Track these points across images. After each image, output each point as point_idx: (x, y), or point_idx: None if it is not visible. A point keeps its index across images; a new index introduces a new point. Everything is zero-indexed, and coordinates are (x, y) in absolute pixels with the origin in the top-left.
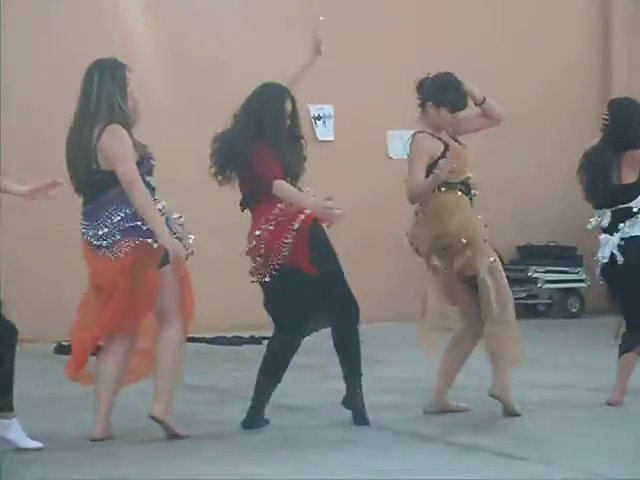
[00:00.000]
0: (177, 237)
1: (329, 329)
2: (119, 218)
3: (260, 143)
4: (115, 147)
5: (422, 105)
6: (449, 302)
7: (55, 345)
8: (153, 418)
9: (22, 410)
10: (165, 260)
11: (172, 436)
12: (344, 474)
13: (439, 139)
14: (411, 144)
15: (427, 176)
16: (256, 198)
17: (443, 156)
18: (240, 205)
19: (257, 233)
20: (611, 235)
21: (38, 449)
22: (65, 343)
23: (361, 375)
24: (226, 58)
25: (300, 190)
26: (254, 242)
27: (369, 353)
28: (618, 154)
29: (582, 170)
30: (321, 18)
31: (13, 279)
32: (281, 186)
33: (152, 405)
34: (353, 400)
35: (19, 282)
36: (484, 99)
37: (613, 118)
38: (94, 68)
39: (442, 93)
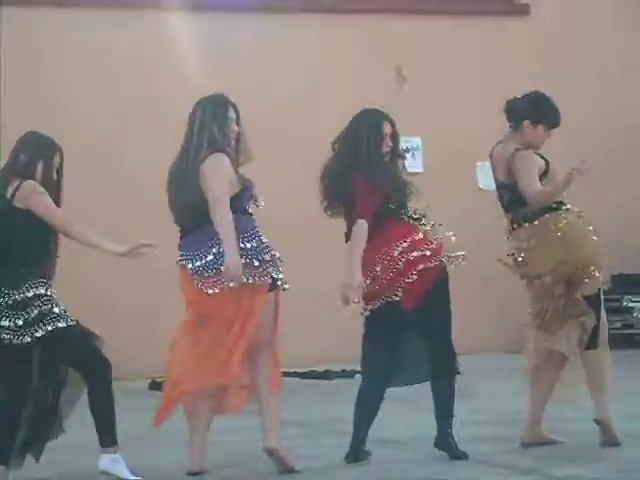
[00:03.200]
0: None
1: None
2: (216, 250)
3: (357, 172)
4: (211, 171)
5: (515, 125)
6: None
7: (150, 382)
8: (268, 450)
9: (119, 446)
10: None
11: (287, 470)
12: None
13: (540, 155)
14: (519, 158)
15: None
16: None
17: (545, 173)
18: (345, 236)
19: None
20: None
21: None
22: (159, 380)
23: (453, 417)
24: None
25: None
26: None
27: (465, 384)
28: None
29: None
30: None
31: (106, 315)
32: (358, 230)
33: (265, 439)
34: (445, 441)
35: (111, 318)
36: None
37: None
38: (198, 105)
39: (541, 110)
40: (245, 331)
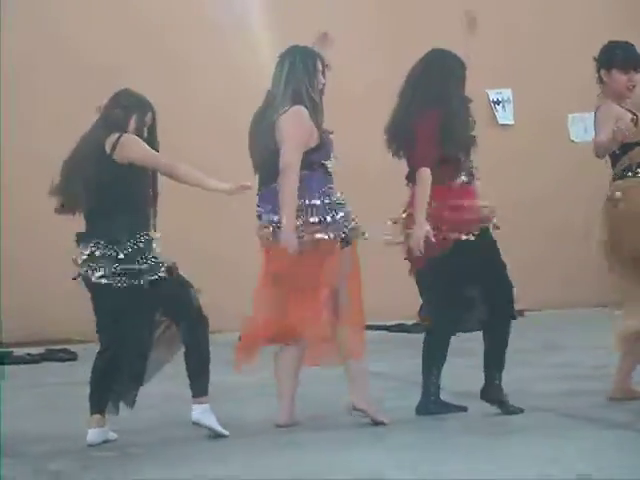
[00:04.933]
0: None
1: None
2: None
3: (429, 110)
4: (287, 127)
5: (598, 79)
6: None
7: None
8: (355, 408)
9: (209, 398)
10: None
11: (375, 423)
12: (519, 462)
13: (628, 110)
14: (596, 113)
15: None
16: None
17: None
18: (406, 179)
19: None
20: None
21: (225, 436)
22: None
23: (503, 368)
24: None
25: (471, 167)
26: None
27: (549, 339)
28: None
29: None
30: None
31: (200, 270)
32: (421, 178)
33: (351, 396)
34: (493, 392)
35: (208, 273)
36: None
37: None
38: (287, 55)
39: (609, 55)
40: (319, 289)
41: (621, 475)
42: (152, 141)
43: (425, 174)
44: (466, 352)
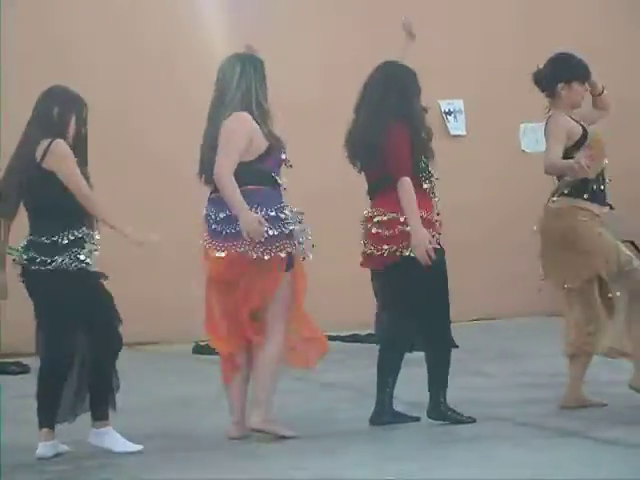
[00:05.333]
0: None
1: None
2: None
3: (397, 122)
4: (228, 131)
5: (551, 93)
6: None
7: (193, 345)
8: (252, 430)
9: (161, 409)
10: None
11: (279, 438)
12: (480, 468)
13: (577, 122)
14: (548, 122)
15: (565, 156)
16: (382, 186)
17: (583, 140)
18: (368, 194)
19: (376, 220)
20: None
21: (139, 452)
22: (202, 343)
23: (446, 387)
24: None
25: (431, 176)
26: (369, 226)
27: (508, 347)
28: None
29: None
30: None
31: (151, 281)
32: (405, 187)
33: (250, 416)
34: (438, 410)
35: (156, 284)
36: (603, 89)
37: None
38: (234, 60)
39: (570, 68)
40: (249, 301)
41: None
42: (85, 138)
43: (407, 183)
44: (419, 362)
